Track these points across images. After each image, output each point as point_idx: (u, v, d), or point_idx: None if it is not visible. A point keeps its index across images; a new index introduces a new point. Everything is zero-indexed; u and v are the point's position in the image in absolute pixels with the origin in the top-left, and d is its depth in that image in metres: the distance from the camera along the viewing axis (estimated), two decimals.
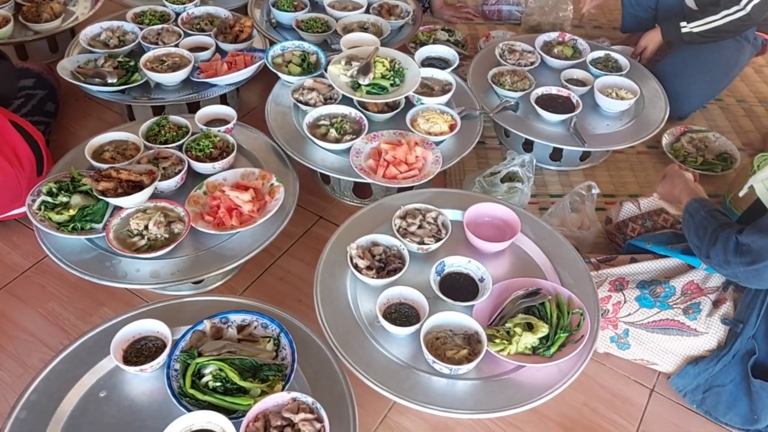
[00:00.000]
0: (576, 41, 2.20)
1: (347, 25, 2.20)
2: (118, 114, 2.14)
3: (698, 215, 1.32)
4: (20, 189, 1.65)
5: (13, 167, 1.62)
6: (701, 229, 1.30)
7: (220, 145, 1.70)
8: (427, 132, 1.79)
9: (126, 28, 2.07)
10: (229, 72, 1.93)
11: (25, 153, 1.66)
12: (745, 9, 2.00)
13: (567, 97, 1.98)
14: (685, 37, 2.13)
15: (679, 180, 1.48)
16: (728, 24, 2.04)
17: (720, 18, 2.04)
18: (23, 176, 1.64)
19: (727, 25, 2.04)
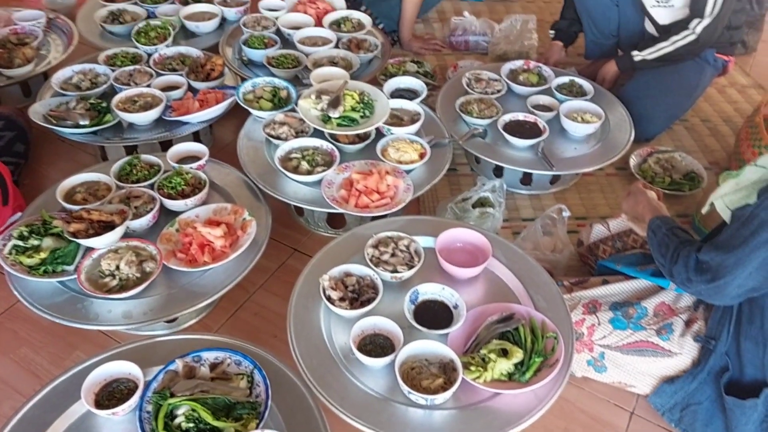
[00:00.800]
0: (541, 68, 2.26)
1: (317, 60, 2.23)
2: (91, 155, 2.14)
3: (660, 232, 1.35)
4: None
5: None
6: (663, 246, 1.32)
7: (193, 182, 1.71)
8: (398, 161, 1.82)
9: (98, 71, 2.09)
10: (201, 110, 1.95)
11: None
12: (695, 32, 2.08)
13: (534, 123, 2.02)
14: (638, 65, 2.20)
15: (642, 197, 1.51)
16: (679, 49, 2.12)
17: (670, 44, 2.12)
18: None
19: (678, 50, 2.12)
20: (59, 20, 2.44)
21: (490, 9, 3.09)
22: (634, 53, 2.20)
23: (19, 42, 2.27)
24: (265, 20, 2.43)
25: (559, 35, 2.55)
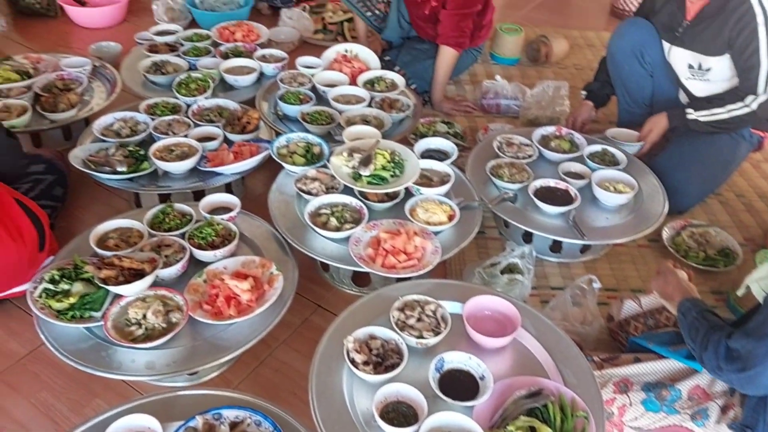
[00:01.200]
0: (573, 135, 2.26)
1: (350, 117, 2.27)
2: (125, 200, 2.18)
3: (690, 315, 1.31)
4: (22, 265, 1.66)
5: (15, 242, 1.63)
6: (693, 330, 1.29)
7: (223, 233, 1.72)
8: (426, 222, 1.82)
9: (138, 119, 2.14)
10: (235, 161, 1.98)
11: (27, 229, 1.68)
12: (750, 107, 2.07)
13: (565, 190, 2.01)
14: (691, 124, 2.19)
15: (671, 277, 1.48)
16: (734, 118, 2.11)
17: (726, 112, 2.12)
18: (24, 252, 1.66)
19: (733, 119, 2.11)
20: (104, 68, 2.52)
21: (522, 73, 3.13)
22: (689, 111, 2.18)
23: (64, 87, 2.35)
24: (302, 77, 2.48)
25: (590, 96, 2.57)
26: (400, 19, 2.83)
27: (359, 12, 2.84)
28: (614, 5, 3.78)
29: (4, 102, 2.20)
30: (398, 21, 2.83)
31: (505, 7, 3.78)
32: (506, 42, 3.13)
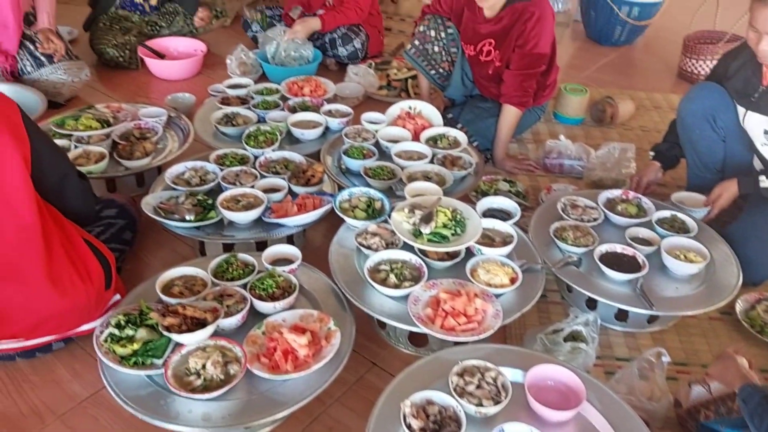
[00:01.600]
0: (640, 200, 2.20)
1: (412, 173, 2.28)
2: (189, 247, 2.24)
3: (752, 402, 1.25)
4: (89, 304, 1.71)
5: (84, 282, 1.68)
6: (756, 417, 1.22)
7: (283, 285, 1.74)
8: (487, 283, 1.78)
9: (208, 168, 2.21)
10: (299, 214, 2.01)
11: (95, 268, 1.73)
12: None
13: (632, 257, 1.95)
14: (764, 193, 2.11)
15: (731, 363, 1.43)
16: None
17: None
18: (92, 291, 1.70)
19: None
20: (179, 118, 2.64)
21: (586, 134, 3.10)
22: (762, 179, 2.10)
23: (141, 136, 2.46)
24: (366, 132, 2.53)
25: (658, 157, 2.51)
26: (463, 77, 2.87)
27: (423, 70, 2.90)
28: (682, 68, 3.73)
29: (84, 148, 2.32)
30: (462, 79, 2.87)
31: (569, 67, 3.78)
32: (570, 102, 3.11)
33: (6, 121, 1.53)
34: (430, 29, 2.80)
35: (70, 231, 1.73)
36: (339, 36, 3.43)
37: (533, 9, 2.52)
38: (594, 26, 4.10)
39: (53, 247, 1.63)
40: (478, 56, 2.73)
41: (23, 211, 1.56)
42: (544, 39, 2.55)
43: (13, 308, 1.62)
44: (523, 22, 2.53)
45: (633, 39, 4.13)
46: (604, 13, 3.96)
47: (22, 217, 1.56)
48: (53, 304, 1.64)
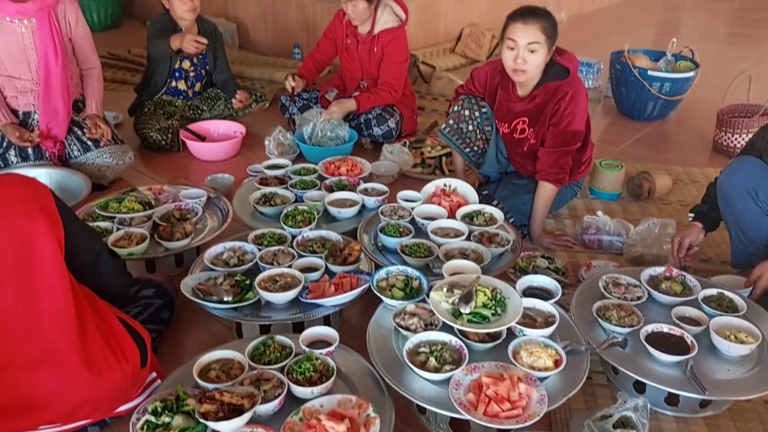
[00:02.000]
0: (685, 277, 2.14)
1: (449, 251, 2.27)
2: (227, 328, 2.23)
3: None
4: (125, 385, 1.70)
5: (120, 363, 1.68)
6: None
7: (321, 369, 1.71)
8: (531, 366, 1.73)
9: (246, 248, 2.24)
10: (336, 294, 2.01)
11: (130, 348, 1.73)
12: None
13: (680, 337, 1.88)
14: None
15: None
16: None
17: None
18: (128, 371, 1.70)
19: None
20: (218, 199, 2.70)
21: (623, 209, 3.06)
22: None
23: (181, 217, 2.52)
24: (402, 210, 2.54)
25: (699, 218, 2.44)
26: (498, 155, 2.89)
27: (458, 148, 2.93)
28: (717, 141, 3.71)
29: (126, 230, 2.37)
30: (496, 157, 2.89)
31: (603, 142, 3.79)
32: (606, 177, 3.10)
33: (40, 207, 1.58)
34: (465, 109, 2.85)
35: (104, 311, 1.74)
36: (374, 117, 3.52)
37: (566, 88, 2.55)
38: (626, 102, 4.13)
39: (87, 329, 1.64)
40: (512, 134, 2.76)
41: (58, 296, 1.58)
42: (578, 117, 2.58)
43: (49, 393, 1.61)
44: (556, 101, 2.57)
45: (666, 114, 4.14)
46: (636, 89, 4.00)
47: (57, 301, 1.58)
48: (89, 386, 1.64)
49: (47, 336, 1.58)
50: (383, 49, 3.47)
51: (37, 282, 1.55)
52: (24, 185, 1.61)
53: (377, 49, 3.49)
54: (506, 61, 2.56)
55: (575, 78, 2.59)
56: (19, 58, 2.90)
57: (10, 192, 1.56)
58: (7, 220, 1.52)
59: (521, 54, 2.49)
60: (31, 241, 1.53)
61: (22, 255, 1.53)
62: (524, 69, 2.52)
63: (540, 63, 2.52)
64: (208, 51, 3.71)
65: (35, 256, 1.54)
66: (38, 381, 1.60)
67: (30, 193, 1.58)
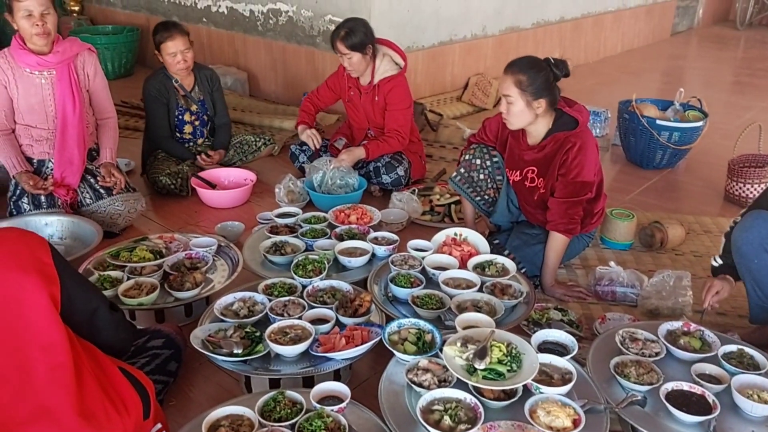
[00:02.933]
0: (703, 332, 2.10)
1: (461, 302, 2.24)
2: (235, 381, 2.19)
3: None
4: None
5: (120, 415, 1.63)
6: None
7: (332, 426, 1.67)
8: (549, 426, 1.68)
9: (256, 299, 2.22)
10: (347, 347, 1.97)
11: (131, 399, 1.68)
12: None
13: (701, 396, 1.82)
14: None
15: None
16: None
17: None
18: (129, 423, 1.64)
19: None
20: (228, 248, 2.68)
21: (636, 259, 3.04)
22: None
23: (191, 266, 2.50)
24: (412, 259, 2.52)
25: (724, 270, 2.39)
26: (509, 203, 2.88)
27: (469, 197, 2.93)
28: (728, 191, 3.70)
29: (136, 280, 2.36)
30: (507, 206, 2.89)
31: (612, 190, 3.78)
32: (618, 227, 3.08)
33: (35, 263, 1.55)
34: (476, 158, 2.86)
35: (104, 361, 1.70)
36: (383, 164, 3.54)
37: (574, 139, 2.56)
38: (635, 150, 4.14)
39: (85, 382, 1.58)
40: (523, 182, 2.76)
41: (54, 351, 1.54)
42: (587, 168, 2.57)
43: None
44: (564, 152, 2.57)
45: (675, 162, 4.14)
46: (644, 138, 4.01)
47: (54, 356, 1.54)
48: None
49: (42, 392, 1.53)
50: (385, 97, 3.51)
51: (29, 338, 1.51)
52: (19, 240, 1.58)
53: (379, 98, 3.53)
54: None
55: (584, 129, 2.60)
56: (37, 108, 2.94)
57: (3, 246, 1.53)
58: (1, 275, 1.49)
59: (503, 103, 2.60)
60: (22, 298, 1.50)
61: (13, 311, 1.49)
62: (507, 118, 2.63)
63: (518, 113, 2.57)
64: (206, 97, 3.76)
65: (26, 311, 1.51)
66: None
67: (25, 248, 1.55)
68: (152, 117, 3.69)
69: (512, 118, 2.60)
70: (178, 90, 3.67)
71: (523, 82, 2.51)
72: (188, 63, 3.58)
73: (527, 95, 2.52)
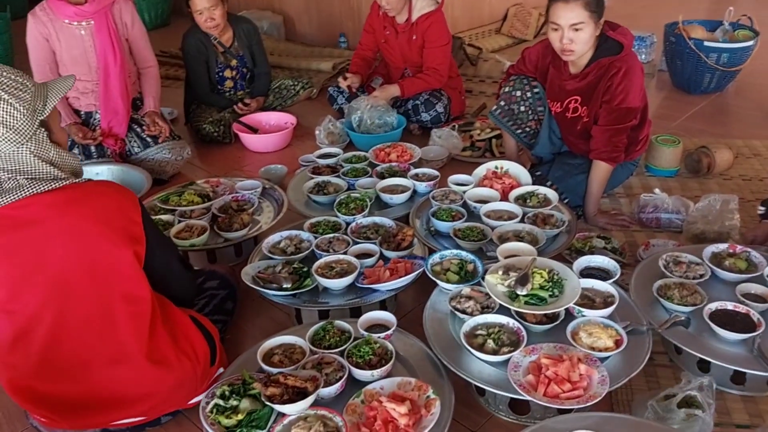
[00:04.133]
0: (749, 253, 2.08)
1: (503, 233, 2.26)
2: (286, 314, 2.29)
3: None
4: (195, 381, 1.77)
5: (191, 362, 1.74)
6: None
7: (379, 352, 1.74)
8: (591, 347, 1.72)
9: (303, 237, 2.28)
10: (391, 279, 2.03)
11: (201, 347, 1.79)
12: None
13: (746, 314, 1.83)
14: None
15: None
16: None
17: None
18: (198, 368, 1.76)
19: None
20: (273, 189, 2.75)
21: (682, 186, 2.98)
22: None
23: (238, 208, 2.58)
24: (453, 194, 2.54)
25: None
26: (551, 135, 2.85)
27: (509, 130, 2.90)
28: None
29: (187, 222, 2.45)
30: (549, 137, 2.85)
31: (658, 117, 3.68)
32: (663, 154, 3.02)
33: (125, 221, 1.61)
34: (516, 90, 2.82)
35: (176, 312, 1.79)
36: (422, 102, 3.52)
37: (620, 64, 2.49)
38: (681, 75, 4.00)
39: (157, 330, 1.68)
40: (564, 113, 2.71)
41: (135, 302, 1.63)
42: (633, 93, 2.51)
43: (126, 390, 1.68)
44: (609, 78, 2.51)
45: (724, 86, 3.99)
46: (692, 62, 3.86)
47: (134, 306, 1.63)
48: (161, 383, 1.70)
49: (121, 338, 1.64)
50: (423, 35, 3.44)
51: (115, 289, 1.61)
52: (114, 197, 1.63)
53: (417, 36, 3.47)
54: (553, 43, 2.52)
55: (629, 53, 2.52)
56: (80, 60, 3.02)
57: (98, 201, 1.60)
58: (93, 228, 1.56)
59: (566, 35, 2.44)
60: (113, 252, 1.58)
61: (104, 263, 1.58)
62: (572, 49, 2.47)
63: (587, 39, 2.46)
64: (245, 51, 3.74)
65: (116, 265, 1.59)
66: (116, 378, 1.67)
67: (117, 205, 1.62)
68: (192, 74, 3.71)
69: (581, 47, 2.47)
70: (217, 47, 3.65)
71: (590, 3, 2.39)
72: (216, 21, 3.47)
73: (596, 16, 2.42)
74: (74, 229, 1.54)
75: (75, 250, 1.55)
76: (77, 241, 1.55)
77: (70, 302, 1.57)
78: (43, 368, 1.62)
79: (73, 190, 1.57)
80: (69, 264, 1.55)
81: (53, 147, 1.58)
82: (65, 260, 1.54)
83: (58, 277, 1.55)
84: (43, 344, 1.59)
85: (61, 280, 1.55)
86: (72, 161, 1.64)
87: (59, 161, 1.59)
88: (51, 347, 1.60)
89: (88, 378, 1.65)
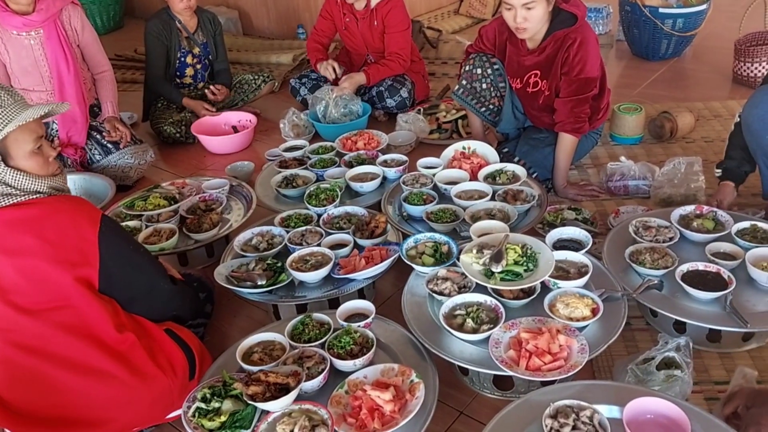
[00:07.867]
0: (716, 213, 2.12)
1: (475, 213, 2.27)
2: (264, 311, 2.27)
3: None
4: (173, 397, 1.71)
5: (167, 377, 1.70)
6: None
7: (360, 341, 1.73)
8: (568, 317, 1.73)
9: (274, 232, 2.26)
10: (367, 267, 2.02)
11: (179, 361, 1.75)
12: None
13: (717, 273, 1.86)
14: None
15: None
16: None
17: None
18: (176, 384, 1.72)
19: None
20: (241, 186, 2.72)
21: (647, 152, 3.02)
22: None
23: (207, 208, 2.54)
24: (423, 177, 2.54)
25: (728, 175, 2.40)
26: (514, 110, 2.86)
27: (474, 109, 2.90)
28: (736, 73, 3.61)
29: (154, 227, 2.41)
30: (513, 113, 2.86)
31: (620, 86, 3.72)
32: (626, 122, 3.05)
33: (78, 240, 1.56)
34: (476, 68, 2.82)
35: (151, 328, 1.75)
36: (386, 88, 3.50)
37: (574, 35, 2.50)
38: (639, 43, 4.04)
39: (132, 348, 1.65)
40: (525, 88, 2.72)
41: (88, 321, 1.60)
42: (590, 63, 2.53)
43: (101, 407, 1.64)
44: (565, 49, 2.52)
45: (681, 51, 4.04)
46: (648, 29, 3.90)
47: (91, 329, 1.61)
48: (136, 400, 1.66)
49: (84, 353, 1.61)
50: (383, 20, 3.42)
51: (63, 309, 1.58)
52: (71, 214, 1.59)
53: (377, 22, 3.44)
54: (508, 21, 2.53)
55: (583, 24, 2.54)
56: (32, 70, 2.93)
57: (53, 219, 1.56)
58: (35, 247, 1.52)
59: (519, 13, 2.45)
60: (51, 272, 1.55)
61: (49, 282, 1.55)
62: (525, 27, 2.49)
63: (540, 17, 2.47)
64: (209, 40, 3.69)
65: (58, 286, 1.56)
66: (87, 394, 1.62)
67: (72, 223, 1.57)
68: (148, 56, 3.63)
69: (534, 24, 2.48)
70: (181, 31, 3.59)
71: None
72: (192, 3, 3.51)
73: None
74: (17, 247, 1.51)
75: (18, 267, 1.52)
76: (20, 259, 1.51)
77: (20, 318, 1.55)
78: (6, 380, 1.58)
79: (29, 207, 1.53)
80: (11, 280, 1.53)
81: (9, 171, 1.52)
82: (6, 277, 1.52)
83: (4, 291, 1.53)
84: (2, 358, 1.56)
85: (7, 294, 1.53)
86: (32, 185, 1.56)
87: (15, 184, 1.54)
88: (9, 361, 1.57)
89: (58, 391, 1.60)
